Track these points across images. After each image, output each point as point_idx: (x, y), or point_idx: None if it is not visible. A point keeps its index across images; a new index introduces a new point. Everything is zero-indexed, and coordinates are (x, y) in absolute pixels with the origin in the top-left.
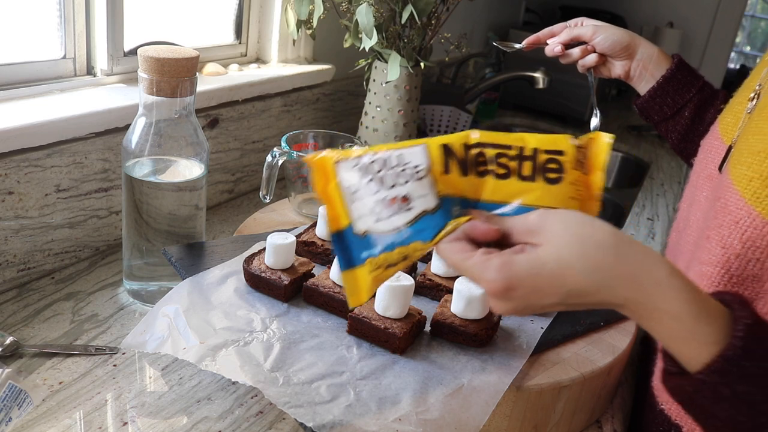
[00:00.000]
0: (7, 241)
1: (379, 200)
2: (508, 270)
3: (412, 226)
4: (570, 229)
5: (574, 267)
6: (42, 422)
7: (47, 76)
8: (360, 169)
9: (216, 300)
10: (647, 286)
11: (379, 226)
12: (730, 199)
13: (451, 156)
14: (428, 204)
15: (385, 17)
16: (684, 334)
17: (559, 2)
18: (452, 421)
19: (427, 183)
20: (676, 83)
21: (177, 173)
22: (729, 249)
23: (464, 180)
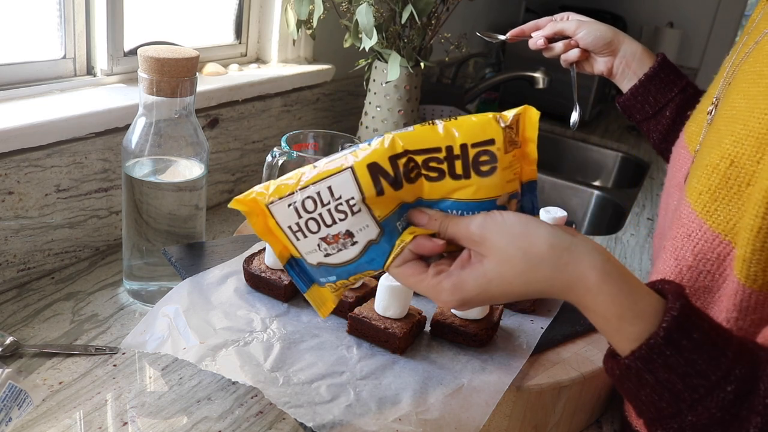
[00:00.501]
0: (7, 241)
1: (323, 238)
2: (459, 291)
3: (361, 257)
4: (511, 243)
5: (515, 282)
6: (42, 422)
7: (47, 76)
8: (295, 210)
9: (216, 300)
10: (579, 292)
11: (330, 260)
12: (683, 211)
13: (381, 175)
14: (371, 234)
15: (385, 17)
16: (610, 331)
17: (559, 2)
18: (452, 421)
19: (366, 214)
20: (658, 82)
21: (177, 173)
22: (681, 261)
23: (399, 192)
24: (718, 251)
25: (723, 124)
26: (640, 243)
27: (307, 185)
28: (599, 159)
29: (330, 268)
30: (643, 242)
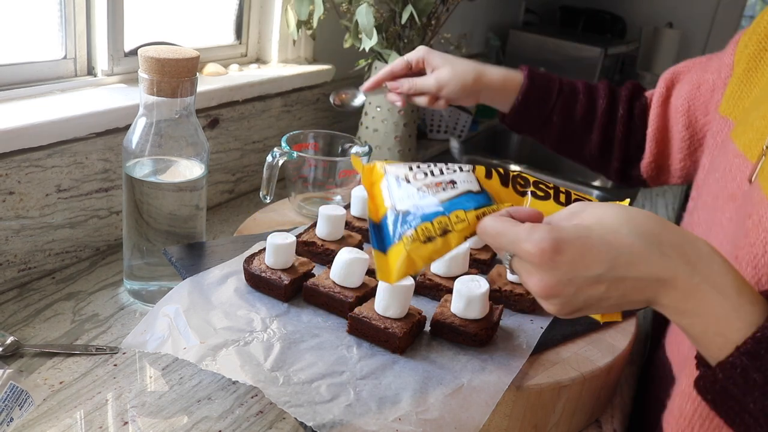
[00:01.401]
0: (7, 241)
1: (426, 184)
2: (557, 231)
3: (456, 198)
4: (613, 207)
5: (621, 230)
6: (43, 422)
7: (48, 77)
8: (409, 167)
9: (216, 300)
10: (694, 258)
11: (423, 201)
12: (765, 216)
13: (493, 169)
14: (473, 187)
15: (385, 18)
16: (729, 311)
17: (559, 2)
18: (452, 421)
19: (472, 175)
20: (534, 96)
21: (177, 173)
22: (761, 269)
23: (504, 190)
24: None
25: None
26: None
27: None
28: None
29: (419, 210)
30: None
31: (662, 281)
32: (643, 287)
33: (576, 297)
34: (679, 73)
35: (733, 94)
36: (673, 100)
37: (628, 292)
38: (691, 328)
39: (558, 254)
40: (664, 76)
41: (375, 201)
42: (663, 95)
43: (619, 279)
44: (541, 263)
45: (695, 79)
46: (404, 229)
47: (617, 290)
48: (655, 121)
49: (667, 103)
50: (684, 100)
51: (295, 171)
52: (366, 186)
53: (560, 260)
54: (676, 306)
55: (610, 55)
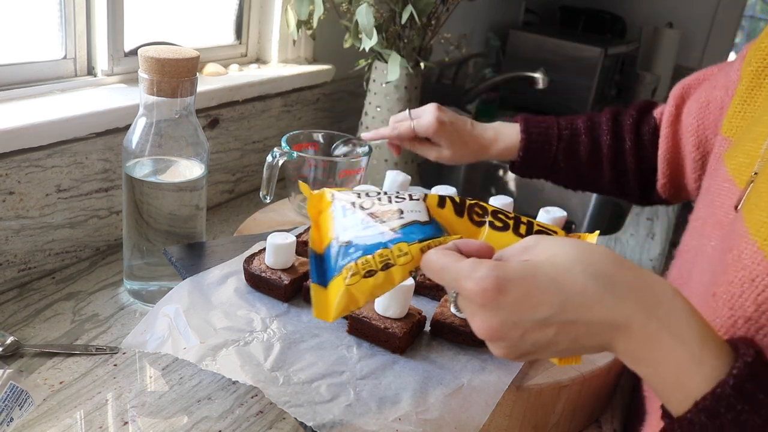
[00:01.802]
0: (7, 241)
1: (372, 213)
2: (501, 270)
3: (401, 229)
4: (567, 242)
5: (573, 270)
6: (43, 422)
7: (48, 77)
8: (357, 195)
9: (216, 300)
10: (652, 303)
11: (367, 232)
12: (744, 251)
13: (448, 198)
14: (421, 217)
15: (385, 18)
16: (689, 362)
17: (559, 2)
18: (452, 421)
19: (422, 204)
20: (534, 149)
21: (177, 173)
22: (738, 311)
23: (459, 220)
24: None
25: None
26: (639, 243)
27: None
28: None
29: (360, 242)
30: (643, 242)
31: (616, 326)
32: (595, 332)
33: (523, 340)
34: (689, 89)
35: (734, 113)
36: (684, 119)
37: (580, 337)
38: (650, 378)
39: (501, 294)
40: (674, 93)
41: (320, 231)
42: (673, 114)
43: (569, 323)
44: (483, 303)
45: (704, 97)
46: (344, 261)
47: (568, 335)
48: (665, 142)
49: (677, 123)
50: (694, 119)
51: (295, 171)
52: (312, 215)
53: (504, 301)
54: (632, 353)
55: (610, 55)
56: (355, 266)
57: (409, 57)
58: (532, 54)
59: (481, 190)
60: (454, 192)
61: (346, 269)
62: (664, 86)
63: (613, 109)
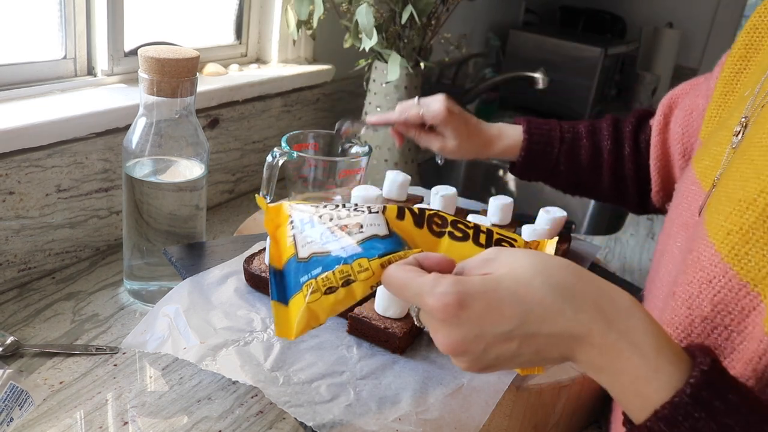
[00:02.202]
0: (7, 241)
1: (331, 227)
2: (462, 285)
3: (361, 244)
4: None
5: (533, 283)
6: (43, 422)
7: (48, 77)
8: (314, 207)
9: (216, 300)
10: (610, 313)
11: (327, 247)
12: (703, 253)
13: (407, 209)
14: (381, 231)
15: (385, 17)
16: (646, 371)
17: (559, 2)
18: (452, 421)
19: (381, 218)
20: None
21: (177, 173)
22: (695, 311)
23: (418, 232)
24: (743, 303)
25: (759, 154)
26: (639, 243)
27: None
28: None
29: (320, 258)
30: (643, 242)
31: (576, 337)
32: (556, 343)
33: (486, 354)
34: (677, 98)
35: (710, 118)
36: (671, 128)
37: (542, 349)
38: (610, 386)
39: (462, 309)
40: (663, 103)
41: (278, 246)
42: (661, 123)
43: (531, 335)
44: (444, 319)
45: (688, 105)
46: (305, 278)
47: (530, 347)
48: (655, 150)
49: (665, 132)
50: (679, 127)
51: (295, 171)
52: (269, 229)
53: (465, 316)
54: (593, 363)
55: (610, 55)
56: (315, 283)
57: (409, 57)
58: (532, 54)
59: (481, 190)
60: (454, 192)
61: (306, 286)
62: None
63: (613, 116)
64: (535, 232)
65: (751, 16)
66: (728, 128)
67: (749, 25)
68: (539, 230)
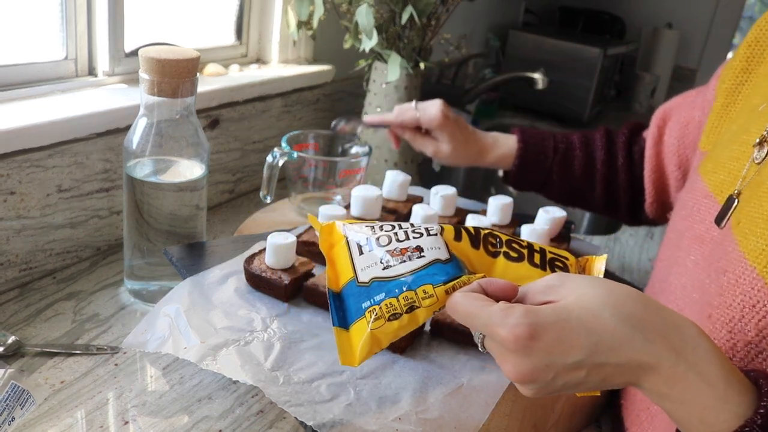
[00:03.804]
0: (8, 241)
1: (390, 251)
2: (533, 315)
3: (423, 270)
4: (593, 283)
5: (602, 314)
6: (43, 421)
7: (49, 77)
8: (370, 228)
9: (217, 300)
10: (678, 343)
11: (388, 273)
12: (742, 277)
13: (463, 230)
14: (441, 255)
15: (385, 18)
16: (714, 401)
17: (558, 3)
18: (452, 421)
19: (440, 239)
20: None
21: (178, 173)
22: (737, 335)
23: (475, 253)
24: None
25: None
26: (639, 243)
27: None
28: None
29: (383, 283)
30: (642, 242)
31: (645, 367)
32: (624, 372)
33: (554, 382)
34: (670, 111)
35: (711, 128)
36: (666, 140)
37: (609, 377)
38: (674, 413)
39: (534, 340)
40: (656, 116)
41: (335, 267)
42: (655, 136)
43: (600, 365)
44: (516, 349)
45: (684, 117)
46: (367, 304)
47: (597, 375)
48: (649, 162)
49: (660, 144)
50: (675, 139)
51: (295, 171)
52: (324, 249)
53: (537, 346)
54: (659, 391)
55: (609, 55)
56: (378, 309)
57: (409, 57)
58: (531, 54)
59: (481, 190)
60: (454, 192)
61: (369, 312)
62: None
63: (606, 127)
64: (534, 231)
65: (751, 29)
66: (743, 142)
67: (750, 38)
68: (538, 230)
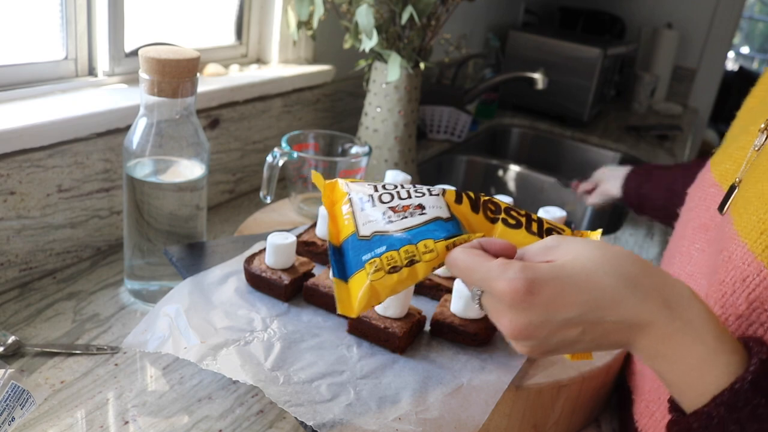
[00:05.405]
0: (9, 241)
1: (392, 207)
2: (531, 271)
3: (424, 226)
4: (590, 245)
5: (598, 271)
6: (44, 421)
7: (49, 77)
8: (374, 187)
9: (217, 299)
10: (674, 302)
11: (389, 227)
12: (735, 253)
13: (464, 194)
14: (442, 213)
15: (385, 18)
16: (705, 358)
17: (558, 3)
18: (452, 421)
19: (441, 200)
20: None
21: (178, 173)
22: (730, 309)
23: (475, 216)
24: None
25: None
26: (639, 242)
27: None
28: (598, 159)
29: (384, 237)
30: (642, 242)
31: (640, 325)
32: (619, 330)
33: (549, 339)
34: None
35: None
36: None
37: (604, 335)
38: (667, 374)
39: (532, 295)
40: None
41: (336, 222)
42: None
43: (596, 322)
44: (513, 303)
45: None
46: (368, 256)
47: (593, 333)
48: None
49: None
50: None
51: (295, 171)
52: (326, 205)
53: (534, 301)
54: (652, 350)
55: (609, 55)
56: (379, 261)
57: (409, 57)
58: (531, 54)
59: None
60: None
61: (369, 264)
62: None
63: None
64: None
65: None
66: (750, 133)
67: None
68: None
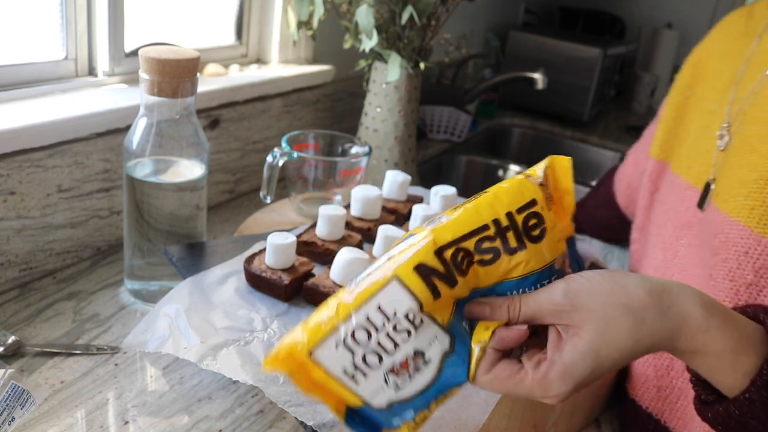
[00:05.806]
0: (9, 241)
1: (390, 369)
2: (569, 378)
3: (440, 376)
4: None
5: (625, 346)
6: (44, 421)
7: (49, 77)
8: (345, 348)
9: (217, 299)
10: (688, 334)
11: (404, 393)
12: (731, 232)
13: (432, 275)
14: (443, 345)
15: (385, 18)
16: (725, 368)
17: (558, 3)
18: (452, 420)
19: (430, 324)
20: None
21: (178, 173)
22: (739, 280)
23: (455, 290)
24: None
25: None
26: None
27: (349, 314)
28: (598, 159)
29: (405, 404)
30: None
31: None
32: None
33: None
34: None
35: (664, 139)
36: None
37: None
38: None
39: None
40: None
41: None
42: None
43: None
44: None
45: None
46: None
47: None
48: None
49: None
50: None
51: (295, 171)
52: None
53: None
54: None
55: (609, 55)
56: (414, 424)
57: (409, 57)
58: (531, 54)
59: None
60: (454, 192)
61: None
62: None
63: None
64: None
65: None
66: (708, 137)
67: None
68: None
